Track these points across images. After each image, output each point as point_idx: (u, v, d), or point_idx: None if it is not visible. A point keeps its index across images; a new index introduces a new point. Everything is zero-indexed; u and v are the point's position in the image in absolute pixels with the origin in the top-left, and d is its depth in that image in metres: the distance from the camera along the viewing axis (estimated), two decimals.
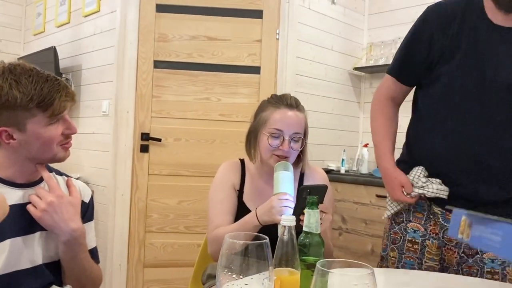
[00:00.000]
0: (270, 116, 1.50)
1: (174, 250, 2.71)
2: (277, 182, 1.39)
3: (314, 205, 1.04)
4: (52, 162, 1.21)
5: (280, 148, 1.47)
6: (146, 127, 2.69)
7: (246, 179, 1.60)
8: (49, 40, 3.47)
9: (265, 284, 0.72)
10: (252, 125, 1.59)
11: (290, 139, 1.48)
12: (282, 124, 1.48)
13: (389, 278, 1.25)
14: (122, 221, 2.67)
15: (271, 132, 1.48)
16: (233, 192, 1.57)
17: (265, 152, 1.50)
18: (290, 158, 1.50)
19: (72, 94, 1.16)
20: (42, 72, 1.13)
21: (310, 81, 2.94)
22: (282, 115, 1.49)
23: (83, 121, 2.99)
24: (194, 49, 2.72)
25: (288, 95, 1.56)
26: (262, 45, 2.75)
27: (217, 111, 2.74)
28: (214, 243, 1.49)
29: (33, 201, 1.13)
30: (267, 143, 1.48)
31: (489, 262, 1.35)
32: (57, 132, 1.13)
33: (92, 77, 2.98)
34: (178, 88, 2.72)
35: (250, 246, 0.70)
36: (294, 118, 1.50)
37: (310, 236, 1.04)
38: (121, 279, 2.66)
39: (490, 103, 1.32)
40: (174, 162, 2.72)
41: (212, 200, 1.57)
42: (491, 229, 0.86)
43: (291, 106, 1.51)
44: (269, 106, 1.53)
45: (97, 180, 2.81)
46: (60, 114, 1.13)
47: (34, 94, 1.07)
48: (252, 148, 1.56)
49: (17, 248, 1.11)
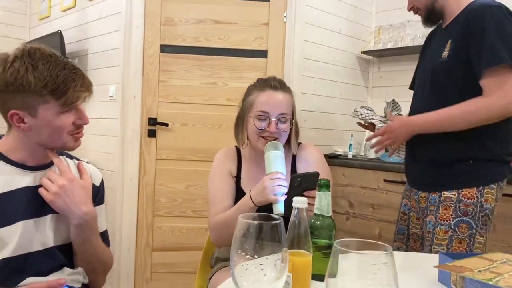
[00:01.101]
0: (255, 99, 1.52)
1: (182, 234, 2.73)
2: (269, 162, 1.40)
3: (325, 187, 1.03)
4: (62, 150, 1.21)
5: (267, 130, 1.48)
6: (153, 112, 2.69)
7: (243, 165, 1.61)
8: (54, 24, 3.45)
9: (278, 265, 0.71)
10: (239, 110, 1.60)
11: (276, 120, 1.48)
12: (267, 106, 1.49)
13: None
14: (130, 206, 2.68)
15: (257, 115, 1.49)
16: (230, 179, 1.57)
17: (253, 135, 1.52)
18: (280, 139, 1.50)
19: (88, 84, 1.15)
20: (61, 60, 1.11)
21: (318, 65, 2.91)
22: (267, 97, 1.50)
23: (90, 106, 2.99)
24: (201, 33, 2.70)
25: (273, 77, 1.58)
26: (269, 29, 2.72)
27: (224, 96, 2.72)
28: (215, 231, 1.50)
29: (45, 184, 1.13)
30: (254, 126, 1.49)
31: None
32: (68, 121, 1.12)
33: (99, 62, 2.97)
34: (184, 72, 2.70)
35: (264, 226, 0.69)
36: (279, 99, 1.51)
37: (321, 218, 1.04)
38: (130, 262, 2.69)
39: (424, 82, 1.68)
40: (182, 147, 2.72)
41: (210, 189, 1.58)
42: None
43: (275, 88, 1.52)
44: (254, 90, 1.55)
45: (105, 165, 2.82)
46: (73, 103, 1.12)
47: (48, 81, 1.06)
48: (240, 132, 1.57)
49: (29, 230, 1.12)
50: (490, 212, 1.53)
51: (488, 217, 1.54)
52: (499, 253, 1.10)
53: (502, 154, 1.56)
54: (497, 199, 1.56)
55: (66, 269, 1.21)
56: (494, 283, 0.86)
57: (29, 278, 1.10)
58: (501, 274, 0.92)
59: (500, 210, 2.22)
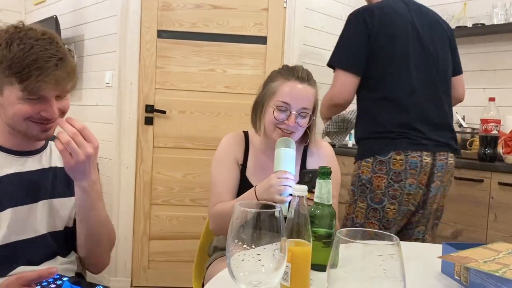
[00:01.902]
0: (278, 88, 1.44)
1: (180, 223, 2.70)
2: (278, 159, 1.34)
3: (326, 175, 1.00)
4: (28, 139, 1.12)
5: (285, 122, 1.42)
6: (150, 99, 2.64)
7: (250, 153, 1.55)
8: (50, 9, 3.39)
9: (276, 255, 0.68)
10: (259, 95, 1.52)
11: (297, 113, 1.42)
12: (290, 98, 1.42)
13: None
14: (127, 194, 2.65)
15: (277, 105, 1.42)
16: (235, 167, 1.51)
17: (269, 125, 1.45)
18: (296, 134, 1.44)
19: (60, 80, 1.03)
20: (41, 45, 1.02)
21: (318, 51, 2.86)
22: (291, 88, 1.43)
23: (86, 93, 2.94)
24: (199, 18, 2.64)
25: (300, 67, 1.49)
26: (269, 14, 2.67)
27: (222, 83, 2.68)
28: (215, 219, 1.46)
29: (71, 148, 1.02)
30: (273, 115, 1.42)
31: None
32: (28, 109, 1.04)
33: (95, 48, 2.92)
34: (182, 59, 2.65)
35: (262, 214, 0.66)
36: (303, 92, 1.43)
37: (321, 207, 1.01)
38: (127, 251, 2.67)
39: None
40: (179, 135, 2.68)
41: (214, 175, 1.52)
42: (495, 282, 0.85)
43: (302, 79, 1.44)
44: (279, 77, 1.47)
45: (102, 152, 2.76)
46: (37, 93, 1.02)
47: (14, 62, 0.99)
48: (258, 119, 1.50)
49: (19, 217, 1.09)
50: (366, 182, 1.77)
51: (365, 186, 1.78)
52: (504, 243, 1.07)
53: (378, 132, 1.78)
54: (375, 171, 1.75)
55: (59, 257, 1.18)
56: (501, 274, 0.83)
57: (20, 267, 1.07)
58: (508, 265, 0.89)
59: (502, 200, 2.22)
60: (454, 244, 1.06)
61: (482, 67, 2.90)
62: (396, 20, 1.79)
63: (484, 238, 2.27)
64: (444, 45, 1.90)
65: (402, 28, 1.79)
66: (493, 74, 2.86)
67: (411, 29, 1.80)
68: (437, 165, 1.77)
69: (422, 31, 1.81)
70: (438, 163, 1.77)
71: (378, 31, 1.75)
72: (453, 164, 1.87)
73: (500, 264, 0.89)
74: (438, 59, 1.84)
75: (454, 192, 2.40)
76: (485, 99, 2.50)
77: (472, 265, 0.89)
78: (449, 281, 1.00)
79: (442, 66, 1.87)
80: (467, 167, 2.36)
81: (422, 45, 1.81)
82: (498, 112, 2.34)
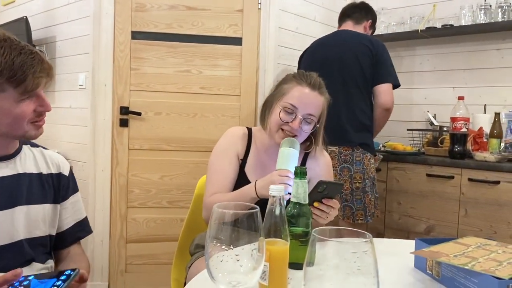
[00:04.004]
0: (289, 90, 1.48)
1: (157, 225, 2.68)
2: (282, 158, 1.36)
3: (301, 175, 1.02)
4: (23, 139, 1.14)
5: (289, 125, 1.45)
6: (125, 100, 2.62)
7: (251, 149, 1.57)
8: (20, 10, 3.31)
9: (254, 255, 0.69)
10: (270, 94, 1.57)
11: (302, 118, 1.45)
12: (298, 101, 1.45)
13: None
14: (103, 197, 2.62)
15: (285, 106, 1.46)
16: (236, 161, 1.54)
17: (274, 125, 1.48)
18: (298, 138, 1.46)
19: (48, 69, 1.07)
20: (17, 44, 1.03)
21: (293, 52, 2.89)
22: (301, 93, 1.46)
23: (59, 95, 2.89)
24: (173, 19, 2.63)
25: (314, 75, 1.53)
26: (244, 15, 2.68)
27: (198, 84, 2.67)
28: (209, 210, 1.46)
29: None
30: (278, 116, 1.46)
31: None
32: (28, 109, 1.05)
33: (67, 49, 2.87)
34: (157, 60, 2.64)
35: (240, 216, 0.67)
36: (312, 99, 1.47)
37: (298, 206, 1.03)
38: (104, 255, 2.63)
39: None
40: (155, 137, 2.66)
41: (213, 164, 1.53)
42: (464, 275, 0.89)
43: (313, 86, 1.48)
44: (292, 80, 1.51)
45: (76, 155, 2.73)
46: (33, 90, 1.04)
47: (4, 68, 0.99)
48: (267, 117, 1.53)
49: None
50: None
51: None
52: (474, 238, 1.11)
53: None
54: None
55: (35, 264, 1.16)
56: (470, 267, 0.87)
57: None
58: (476, 258, 0.93)
59: (472, 196, 2.29)
60: (427, 239, 1.10)
61: (452, 67, 2.99)
62: None
63: (456, 233, 2.34)
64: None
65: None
66: (462, 74, 2.95)
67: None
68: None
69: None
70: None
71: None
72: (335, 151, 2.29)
73: (469, 258, 0.93)
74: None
75: (426, 189, 2.48)
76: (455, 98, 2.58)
77: (443, 260, 0.92)
78: (422, 276, 1.03)
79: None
80: (438, 164, 2.43)
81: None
82: (467, 111, 2.42)
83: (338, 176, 2.28)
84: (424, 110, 3.05)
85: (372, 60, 2.32)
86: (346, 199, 2.30)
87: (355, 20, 2.56)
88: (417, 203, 2.51)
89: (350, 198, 2.28)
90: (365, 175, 2.26)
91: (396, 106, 2.42)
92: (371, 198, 2.28)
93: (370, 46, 2.33)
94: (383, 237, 2.60)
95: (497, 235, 2.20)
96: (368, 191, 2.27)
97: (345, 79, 2.33)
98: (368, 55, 2.32)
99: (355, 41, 2.38)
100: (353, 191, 2.27)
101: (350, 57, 2.34)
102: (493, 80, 2.82)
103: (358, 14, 2.57)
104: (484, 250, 0.99)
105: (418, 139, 2.93)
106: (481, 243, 1.05)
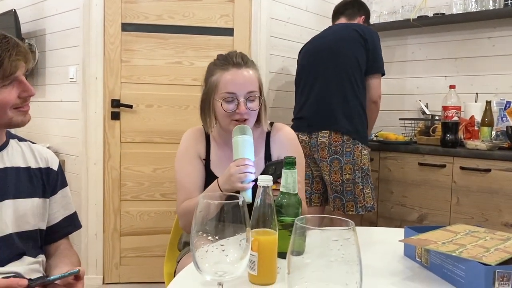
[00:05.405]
0: (219, 80, 1.41)
1: (151, 218, 2.68)
2: (236, 148, 1.33)
3: (291, 165, 1.02)
4: (11, 128, 1.13)
5: (237, 112, 1.40)
6: (116, 93, 2.60)
7: (212, 146, 1.53)
8: (8, 3, 3.26)
9: (243, 245, 0.69)
10: (203, 92, 1.49)
11: (245, 100, 1.40)
12: (233, 86, 1.39)
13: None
14: (96, 191, 2.61)
15: (223, 97, 1.40)
16: (199, 162, 1.50)
17: (223, 119, 1.43)
18: (250, 119, 1.43)
19: (25, 52, 1.06)
20: None
21: (285, 43, 2.88)
22: (232, 77, 1.40)
23: (50, 89, 2.86)
24: (164, 10, 2.61)
25: (234, 52, 1.46)
26: (235, 6, 2.66)
27: (190, 76, 2.66)
28: (183, 216, 1.45)
29: None
30: (222, 109, 1.40)
31: None
32: (10, 96, 1.04)
33: (57, 42, 2.84)
34: (148, 52, 2.62)
35: (225, 206, 0.67)
36: (245, 77, 1.41)
37: (287, 196, 1.03)
38: (97, 248, 2.63)
39: None
40: (147, 129, 2.65)
41: (178, 172, 1.50)
42: (452, 262, 0.89)
43: (239, 65, 1.42)
44: (217, 69, 1.44)
45: (68, 149, 2.72)
46: (12, 75, 1.03)
47: None
48: (208, 117, 1.47)
49: None
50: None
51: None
52: (463, 225, 1.12)
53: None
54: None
55: (26, 258, 1.15)
56: (458, 254, 0.87)
57: None
58: (464, 245, 0.93)
59: (463, 184, 2.31)
60: (416, 227, 1.10)
61: (443, 56, 2.99)
62: None
63: (448, 221, 2.36)
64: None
65: None
66: (453, 62, 2.95)
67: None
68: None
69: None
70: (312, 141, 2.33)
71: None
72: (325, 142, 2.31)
73: (457, 245, 0.94)
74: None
75: (418, 178, 2.49)
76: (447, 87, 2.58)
77: (431, 247, 0.93)
78: (411, 263, 1.04)
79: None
80: (430, 153, 2.44)
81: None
82: (459, 99, 2.43)
83: (328, 167, 2.29)
84: (416, 99, 3.05)
85: (365, 46, 2.33)
86: (336, 191, 2.30)
87: (348, 16, 2.55)
88: (409, 192, 2.52)
89: (341, 189, 2.29)
90: (355, 166, 2.26)
91: (388, 95, 2.43)
92: (363, 190, 2.28)
93: (361, 32, 2.34)
94: (376, 226, 2.62)
95: (489, 223, 2.21)
96: (359, 182, 2.27)
97: (337, 67, 2.33)
98: (360, 42, 2.33)
99: (347, 29, 2.40)
100: (343, 183, 2.27)
101: (342, 45, 2.35)
102: (485, 68, 2.82)
103: (351, 11, 2.55)
104: (472, 237, 1.00)
105: (410, 129, 2.93)
106: (470, 230, 1.06)
